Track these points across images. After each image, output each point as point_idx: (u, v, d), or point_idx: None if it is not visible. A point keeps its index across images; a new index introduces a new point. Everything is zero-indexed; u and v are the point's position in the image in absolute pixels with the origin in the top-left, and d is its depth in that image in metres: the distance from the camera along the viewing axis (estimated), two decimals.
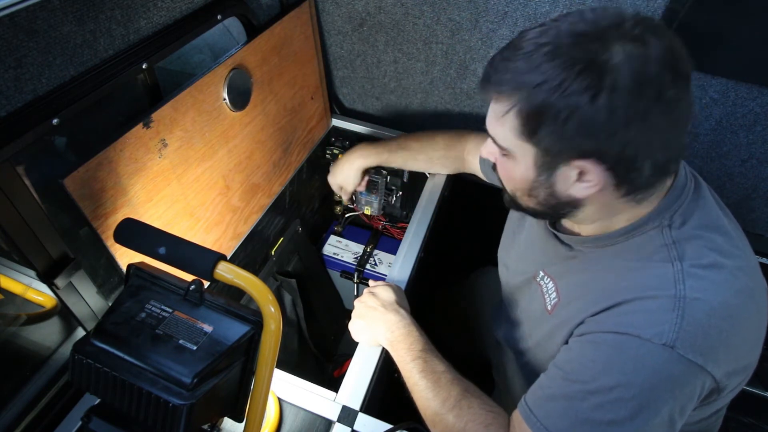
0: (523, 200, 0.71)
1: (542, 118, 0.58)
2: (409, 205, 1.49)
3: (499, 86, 0.61)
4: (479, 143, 1.07)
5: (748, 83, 0.99)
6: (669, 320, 0.58)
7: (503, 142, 0.64)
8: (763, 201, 1.19)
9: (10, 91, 0.62)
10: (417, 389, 0.77)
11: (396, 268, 1.05)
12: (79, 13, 0.68)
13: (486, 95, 0.64)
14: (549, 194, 0.66)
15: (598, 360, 0.62)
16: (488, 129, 0.66)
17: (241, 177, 1.06)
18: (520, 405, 0.67)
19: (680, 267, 0.61)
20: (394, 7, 1.17)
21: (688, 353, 0.57)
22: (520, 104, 0.59)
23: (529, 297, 0.85)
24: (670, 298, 0.59)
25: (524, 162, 0.64)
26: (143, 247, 0.57)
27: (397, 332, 0.84)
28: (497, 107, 0.62)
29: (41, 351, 0.86)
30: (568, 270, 0.76)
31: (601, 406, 0.59)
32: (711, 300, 0.59)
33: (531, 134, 0.60)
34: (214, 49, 1.74)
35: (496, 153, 0.69)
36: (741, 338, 0.61)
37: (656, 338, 0.58)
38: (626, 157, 0.58)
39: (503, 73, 0.60)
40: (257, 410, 0.61)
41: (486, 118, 0.66)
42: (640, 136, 0.56)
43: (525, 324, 0.87)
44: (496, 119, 0.63)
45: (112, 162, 0.73)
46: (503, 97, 0.60)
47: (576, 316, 0.68)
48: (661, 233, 0.65)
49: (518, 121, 0.60)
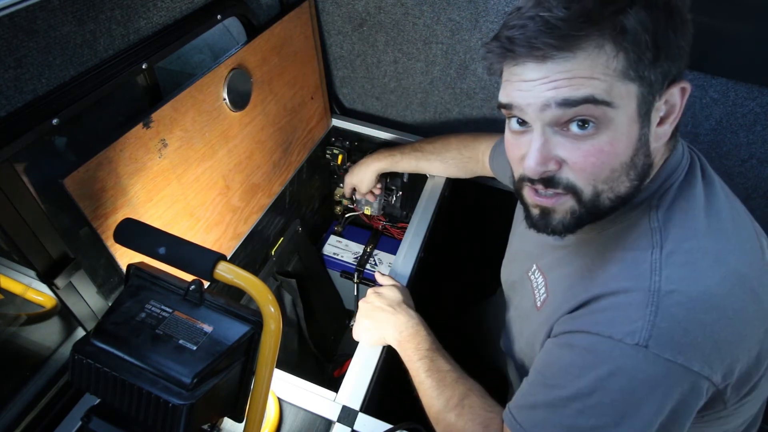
0: (615, 189, 0.58)
1: (640, 42, 0.51)
2: (409, 205, 1.49)
3: (579, 30, 0.51)
4: (493, 141, 1.07)
5: (748, 83, 0.99)
6: (641, 317, 0.53)
7: (604, 94, 0.52)
8: (763, 201, 1.19)
9: (10, 91, 0.62)
10: (422, 388, 0.77)
11: (396, 268, 1.05)
12: (79, 13, 0.68)
13: (544, 59, 0.52)
14: (645, 156, 0.57)
15: (574, 364, 0.58)
16: (560, 102, 0.53)
17: (241, 177, 1.06)
18: (506, 413, 0.65)
19: (658, 255, 0.56)
20: (394, 7, 1.17)
21: (665, 352, 0.52)
22: (615, 36, 0.51)
23: (521, 294, 0.82)
24: (643, 291, 0.55)
25: (626, 115, 0.54)
26: (143, 247, 0.57)
27: (406, 332, 0.85)
28: (584, 58, 0.51)
29: (41, 351, 0.86)
30: (558, 262, 0.72)
31: (582, 412, 0.56)
32: (689, 291, 0.53)
33: (636, 66, 0.52)
34: (214, 49, 1.74)
35: (567, 142, 0.55)
36: (734, 331, 0.54)
37: (628, 338, 0.53)
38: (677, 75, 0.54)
39: (576, 17, 0.50)
40: (257, 410, 0.61)
41: (537, 102, 0.54)
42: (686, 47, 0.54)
43: (517, 323, 0.84)
44: (585, 73, 0.52)
45: (112, 162, 0.73)
46: (590, 41, 0.51)
47: (555, 312, 0.65)
48: (649, 216, 0.60)
49: (620, 56, 0.51)
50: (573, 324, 0.61)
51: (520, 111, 0.57)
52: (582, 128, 0.54)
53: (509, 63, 0.57)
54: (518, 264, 0.85)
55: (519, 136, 0.60)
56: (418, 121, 1.43)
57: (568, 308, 0.63)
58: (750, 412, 0.66)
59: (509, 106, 0.58)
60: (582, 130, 0.54)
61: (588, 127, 0.54)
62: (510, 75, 0.57)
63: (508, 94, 0.58)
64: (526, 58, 0.54)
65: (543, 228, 0.62)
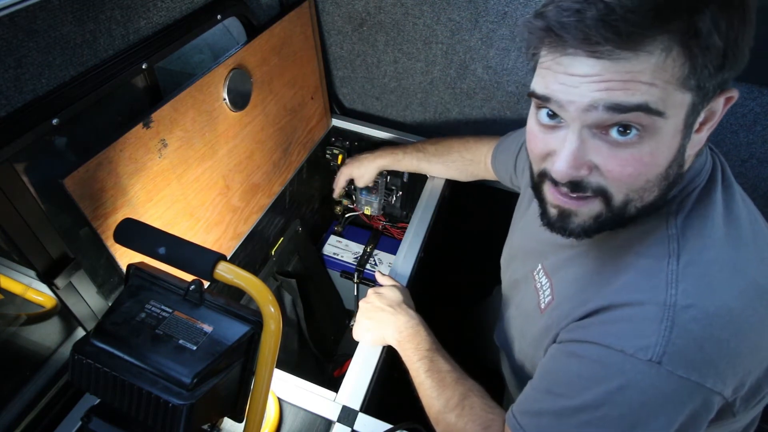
0: (645, 199, 0.54)
1: (712, 48, 0.46)
2: (409, 205, 1.49)
3: (647, 28, 0.44)
4: (495, 143, 1.06)
5: (748, 83, 0.99)
6: (655, 332, 0.51)
7: (659, 103, 0.47)
8: (763, 201, 1.19)
9: (10, 91, 0.62)
10: (422, 388, 0.77)
11: (396, 268, 1.05)
12: (79, 13, 0.68)
13: (600, 55, 0.46)
14: (679, 166, 0.54)
15: (582, 374, 0.57)
16: (609, 106, 0.47)
17: (241, 177, 1.06)
18: (509, 417, 0.64)
19: (675, 267, 0.54)
20: (394, 7, 1.17)
21: (678, 369, 0.50)
22: (686, 40, 0.45)
23: (524, 293, 0.80)
24: (658, 305, 0.52)
25: (674, 126, 0.49)
26: (143, 247, 0.57)
27: (406, 332, 0.84)
28: (646, 60, 0.45)
29: (41, 351, 0.86)
30: (565, 264, 0.69)
31: (589, 423, 0.55)
32: (707, 306, 0.51)
33: (699, 75, 0.47)
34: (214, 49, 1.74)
35: (605, 148, 0.50)
36: (750, 345, 0.52)
37: (640, 353, 0.51)
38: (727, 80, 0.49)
39: (646, 11, 0.44)
40: (257, 410, 0.61)
41: (582, 101, 0.48)
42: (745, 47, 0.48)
43: (517, 322, 0.82)
44: (644, 78, 0.46)
45: (112, 162, 0.73)
46: (657, 42, 0.45)
47: (562, 318, 0.63)
48: (666, 221, 0.57)
49: (687, 64, 0.46)
50: (582, 333, 0.59)
51: (559, 107, 0.51)
52: (623, 135, 0.49)
53: (553, 50, 0.49)
54: (521, 262, 0.84)
55: (548, 132, 0.55)
56: (418, 121, 1.43)
57: (576, 315, 0.60)
58: (752, 416, 0.65)
59: (545, 98, 0.52)
60: (623, 137, 0.49)
61: (630, 134, 0.49)
62: (552, 63, 0.50)
63: (548, 86, 0.51)
64: (577, 50, 0.47)
65: (560, 229, 0.58)
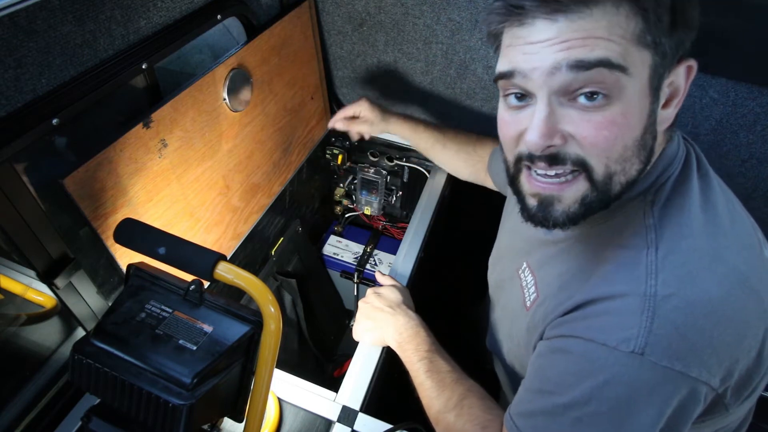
0: (628, 172, 0.54)
1: (660, 3, 0.48)
2: (409, 205, 1.49)
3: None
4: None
5: (748, 83, 0.99)
6: (637, 324, 0.51)
7: (619, 58, 0.48)
8: (763, 201, 1.19)
9: (10, 91, 0.62)
10: (422, 388, 0.77)
11: (396, 268, 1.05)
12: (79, 13, 0.68)
13: (556, 14, 0.48)
14: (653, 137, 0.54)
15: (569, 371, 0.56)
16: (572, 64, 0.48)
17: (241, 177, 1.06)
18: (506, 419, 0.64)
19: (654, 257, 0.54)
20: (394, 7, 1.17)
21: (662, 360, 0.50)
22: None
23: (510, 293, 0.79)
24: (639, 296, 0.52)
25: (639, 84, 0.50)
26: (143, 247, 0.57)
27: (406, 333, 0.84)
28: (600, 16, 0.48)
29: (41, 351, 0.86)
30: (548, 260, 0.69)
31: (580, 420, 0.55)
32: (688, 295, 0.51)
33: (653, 31, 0.49)
34: (214, 49, 1.75)
35: (576, 115, 0.51)
36: (734, 333, 0.52)
37: (623, 345, 0.51)
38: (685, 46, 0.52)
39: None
40: (257, 410, 0.61)
41: (545, 65, 0.50)
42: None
43: (504, 323, 0.81)
44: (601, 33, 0.48)
45: (112, 162, 0.73)
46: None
47: (547, 314, 0.63)
48: (643, 211, 0.57)
49: (639, 18, 0.48)
50: (566, 328, 0.59)
51: (523, 78, 0.52)
52: (591, 99, 0.50)
53: (513, 24, 0.52)
54: (507, 261, 0.83)
55: (517, 112, 0.55)
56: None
57: (561, 311, 0.60)
58: (746, 409, 0.65)
59: (510, 73, 0.53)
60: (591, 101, 0.50)
61: (597, 98, 0.50)
62: (513, 39, 0.52)
63: (511, 60, 0.53)
64: (535, 14, 0.49)
65: (542, 220, 0.57)
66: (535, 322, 0.67)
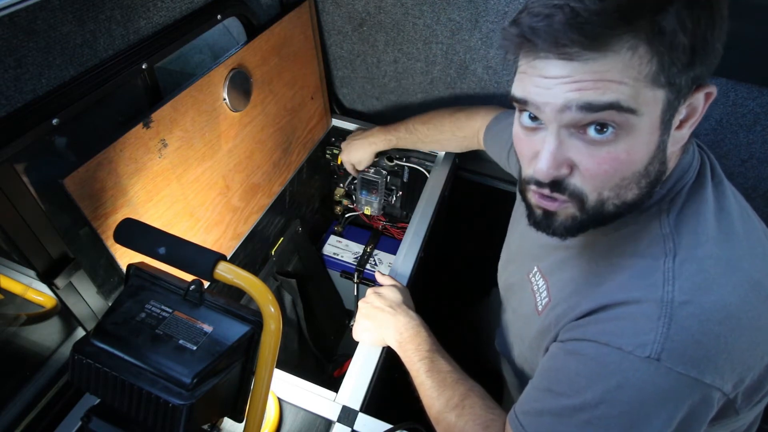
0: (622, 196, 0.55)
1: (677, 45, 0.47)
2: (409, 205, 1.49)
3: (612, 28, 0.46)
4: (488, 119, 1.08)
5: (748, 83, 0.99)
6: (653, 329, 0.52)
7: (630, 101, 0.48)
8: (763, 201, 1.19)
9: (10, 91, 0.62)
10: (423, 388, 0.77)
11: (396, 268, 1.05)
12: (79, 13, 0.68)
13: (569, 57, 0.48)
14: (660, 164, 0.54)
15: (581, 373, 0.57)
16: (582, 106, 0.49)
17: (241, 177, 1.06)
18: (511, 417, 0.64)
19: (671, 265, 0.54)
20: (394, 7, 1.17)
21: (677, 366, 0.51)
22: (651, 38, 0.47)
23: (520, 296, 0.80)
24: (655, 302, 0.53)
25: (649, 122, 0.51)
26: (143, 247, 0.57)
27: (406, 333, 0.84)
28: (614, 59, 0.47)
29: (41, 351, 0.86)
30: (560, 265, 0.70)
31: (589, 422, 0.55)
32: (703, 302, 0.52)
33: (668, 72, 0.48)
34: (214, 49, 1.75)
35: (583, 147, 0.52)
36: (748, 340, 0.52)
37: (638, 350, 0.52)
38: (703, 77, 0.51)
39: (611, 12, 0.45)
40: (257, 410, 0.61)
41: (556, 102, 0.50)
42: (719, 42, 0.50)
43: (516, 326, 0.82)
44: (613, 76, 0.48)
45: (112, 162, 0.73)
46: (622, 41, 0.47)
47: (560, 319, 0.64)
48: (659, 220, 0.58)
49: (654, 61, 0.48)
50: (580, 332, 0.59)
51: (536, 109, 0.53)
52: (600, 133, 0.51)
53: (528, 55, 0.52)
54: (518, 265, 0.84)
55: (531, 134, 0.57)
56: None
57: (574, 315, 0.61)
58: (755, 412, 0.65)
59: (524, 101, 0.54)
60: (600, 135, 0.51)
61: (606, 131, 0.50)
62: (528, 68, 0.52)
63: (525, 89, 0.53)
64: (548, 54, 0.49)
65: (545, 228, 0.60)
66: (548, 326, 0.67)
